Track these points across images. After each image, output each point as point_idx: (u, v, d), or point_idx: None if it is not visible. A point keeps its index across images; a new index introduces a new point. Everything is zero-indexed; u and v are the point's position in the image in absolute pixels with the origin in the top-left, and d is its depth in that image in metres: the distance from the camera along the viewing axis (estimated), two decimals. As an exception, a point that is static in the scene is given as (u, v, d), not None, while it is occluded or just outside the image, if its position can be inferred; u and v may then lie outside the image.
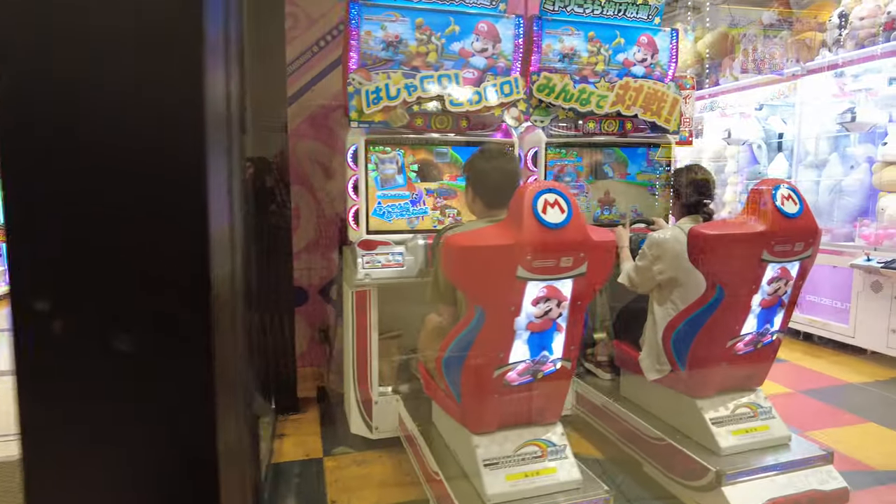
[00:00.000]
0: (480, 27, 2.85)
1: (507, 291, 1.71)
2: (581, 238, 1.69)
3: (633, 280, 2.47)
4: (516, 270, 1.67)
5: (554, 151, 3.01)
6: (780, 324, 2.19)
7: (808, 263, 2.11)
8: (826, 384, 3.76)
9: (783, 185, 2.00)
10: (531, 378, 1.88)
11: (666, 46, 3.16)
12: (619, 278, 2.55)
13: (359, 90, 2.66)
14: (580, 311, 1.83)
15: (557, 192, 1.69)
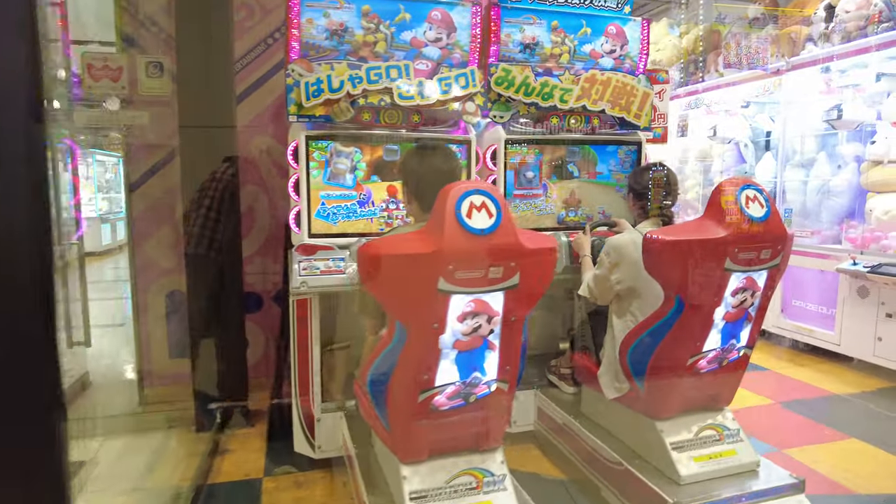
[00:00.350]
0: (434, 15, 2.65)
1: (428, 306, 1.51)
2: (512, 245, 1.49)
3: (593, 291, 2.27)
4: (437, 282, 1.47)
5: (515, 149, 2.81)
6: (746, 339, 1.99)
7: (777, 273, 1.91)
8: (809, 395, 3.57)
9: (748, 186, 1.80)
10: (463, 402, 1.68)
11: (636, 37, 2.96)
12: (580, 290, 2.35)
13: (298, 82, 2.46)
14: (516, 328, 1.63)
15: (485, 194, 1.49)
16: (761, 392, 3.59)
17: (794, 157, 4.88)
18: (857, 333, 3.90)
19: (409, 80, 2.57)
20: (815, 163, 4.73)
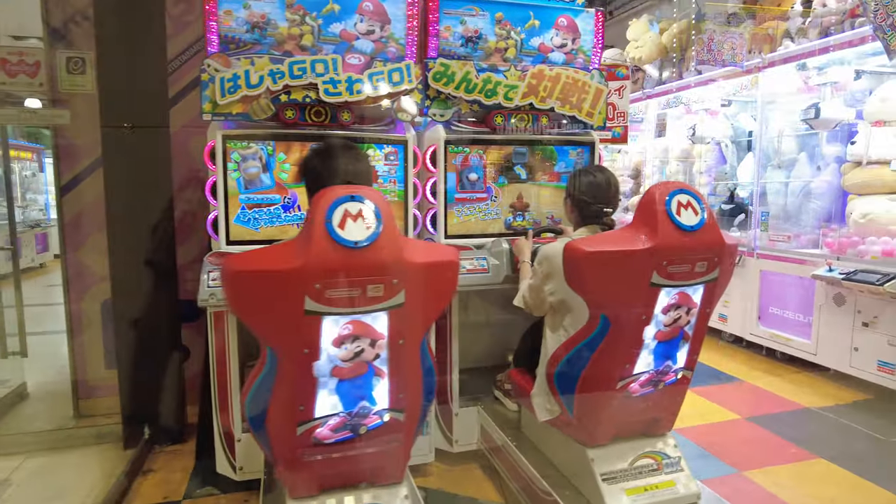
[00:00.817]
0: (365, 6, 2.47)
1: (296, 329, 1.33)
2: (393, 260, 1.31)
3: (527, 301, 2.09)
4: (304, 302, 1.28)
5: (456, 150, 2.63)
6: (684, 360, 1.81)
7: (717, 287, 1.73)
8: (780, 409, 3.38)
9: (681, 191, 1.62)
10: (351, 434, 1.50)
11: (589, 29, 2.78)
12: (515, 300, 2.17)
13: (213, 78, 2.28)
14: (408, 352, 1.45)
15: (363, 201, 1.31)
16: (730, 405, 3.40)
17: (776, 158, 4.69)
18: (833, 343, 3.71)
19: (336, 76, 2.39)
20: (796, 164, 4.54)
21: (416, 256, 1.36)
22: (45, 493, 2.58)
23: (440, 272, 1.43)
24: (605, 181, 2.01)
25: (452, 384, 2.64)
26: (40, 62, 2.67)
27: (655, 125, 5.39)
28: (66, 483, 2.68)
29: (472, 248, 2.59)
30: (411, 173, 2.56)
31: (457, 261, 1.48)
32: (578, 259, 1.64)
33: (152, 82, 2.86)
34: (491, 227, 2.71)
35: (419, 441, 2.56)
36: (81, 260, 3.18)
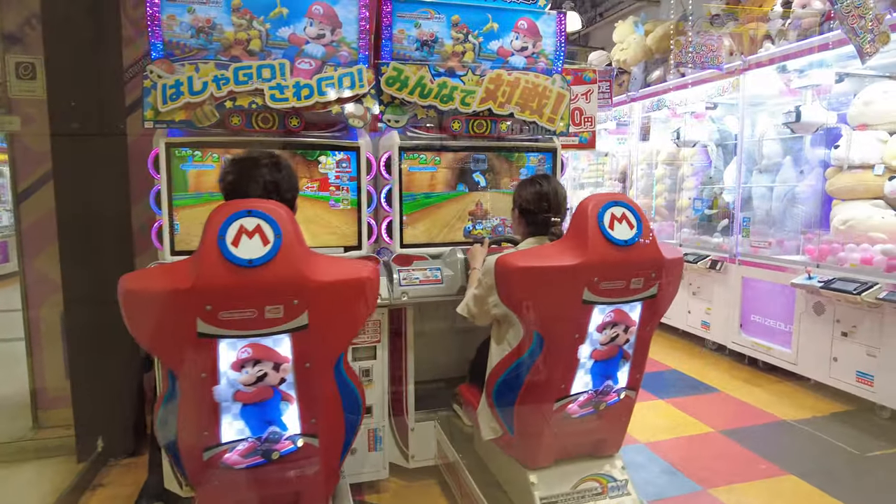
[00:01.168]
0: (315, 9, 2.40)
1: (191, 352, 1.25)
2: (291, 279, 1.24)
3: (471, 310, 2.01)
4: (195, 325, 1.22)
5: (411, 157, 2.56)
6: (626, 380, 1.72)
7: (658, 304, 1.64)
8: (756, 421, 3.29)
9: (616, 203, 1.54)
10: (263, 459, 1.43)
11: (551, 32, 2.70)
12: (459, 307, 2.10)
13: (156, 85, 2.22)
14: (320, 374, 1.38)
15: (261, 215, 1.24)
16: (705, 418, 3.31)
17: (762, 162, 4.59)
18: (812, 353, 3.61)
19: (283, 81, 2.32)
20: (782, 168, 4.45)
21: (322, 274, 1.29)
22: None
23: (351, 291, 1.36)
24: (551, 190, 1.93)
25: (408, 398, 2.57)
26: (-13, 68, 2.62)
27: (640, 128, 5.30)
28: (14, 498, 2.62)
29: (428, 257, 2.52)
30: (364, 181, 2.49)
31: (373, 277, 1.41)
32: (508, 274, 1.57)
33: (106, 89, 2.81)
34: (450, 236, 2.64)
35: (372, 457, 2.50)
36: (40, 268, 3.13)
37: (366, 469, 2.50)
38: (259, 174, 1.56)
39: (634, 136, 5.54)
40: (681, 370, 4.20)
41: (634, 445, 2.95)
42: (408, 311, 2.51)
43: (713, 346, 4.61)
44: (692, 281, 4.70)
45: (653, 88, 5.14)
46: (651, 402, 3.56)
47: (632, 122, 5.50)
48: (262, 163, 1.57)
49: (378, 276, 1.45)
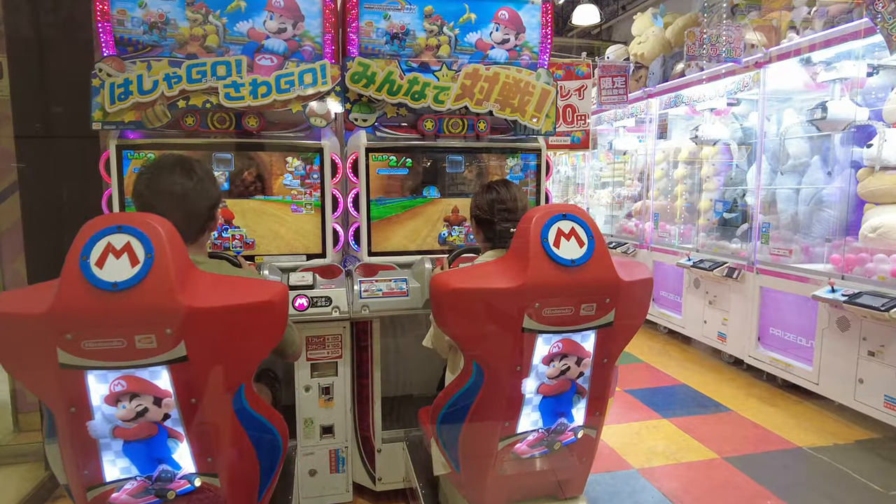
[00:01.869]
0: (275, 3, 2.25)
1: (55, 383, 1.12)
2: (163, 304, 1.08)
3: (434, 343, 1.82)
4: (57, 355, 1.07)
5: (381, 159, 2.39)
6: (583, 418, 1.51)
7: (617, 334, 1.43)
8: (769, 447, 3.00)
9: (565, 216, 1.33)
10: (158, 500, 1.28)
11: (535, 23, 2.48)
12: (424, 341, 1.90)
13: (104, 84, 2.11)
14: (211, 410, 1.22)
15: (131, 231, 1.09)
16: (711, 442, 3.04)
17: (787, 162, 4.25)
18: (836, 372, 3.29)
19: (240, 78, 2.18)
20: (808, 168, 4.10)
21: (204, 300, 1.13)
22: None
23: (241, 318, 1.19)
24: (510, 198, 1.73)
25: (374, 417, 2.40)
26: (-42, 67, 2.56)
27: (657, 126, 5.00)
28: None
29: (396, 267, 2.35)
30: (328, 184, 2.33)
31: (276, 301, 1.24)
32: (440, 296, 1.38)
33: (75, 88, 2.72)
34: (421, 244, 2.46)
35: (335, 479, 2.35)
36: (19, 270, 3.08)
37: (327, 492, 2.35)
38: (166, 183, 1.41)
39: (652, 133, 5.23)
40: (692, 385, 3.91)
41: (625, 472, 2.72)
42: (373, 325, 2.34)
43: (729, 360, 4.30)
44: (708, 289, 4.40)
45: (670, 84, 4.83)
46: (652, 422, 3.30)
47: (648, 119, 5.20)
48: (170, 170, 1.42)
49: (285, 298, 1.28)
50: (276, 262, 2.30)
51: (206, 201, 1.46)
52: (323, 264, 2.32)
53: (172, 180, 1.41)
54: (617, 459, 2.85)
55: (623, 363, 4.41)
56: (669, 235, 5.17)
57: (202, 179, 1.45)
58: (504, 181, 1.80)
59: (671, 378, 4.06)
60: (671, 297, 5.06)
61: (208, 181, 1.47)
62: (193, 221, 1.45)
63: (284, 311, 1.30)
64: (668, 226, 5.27)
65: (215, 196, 1.51)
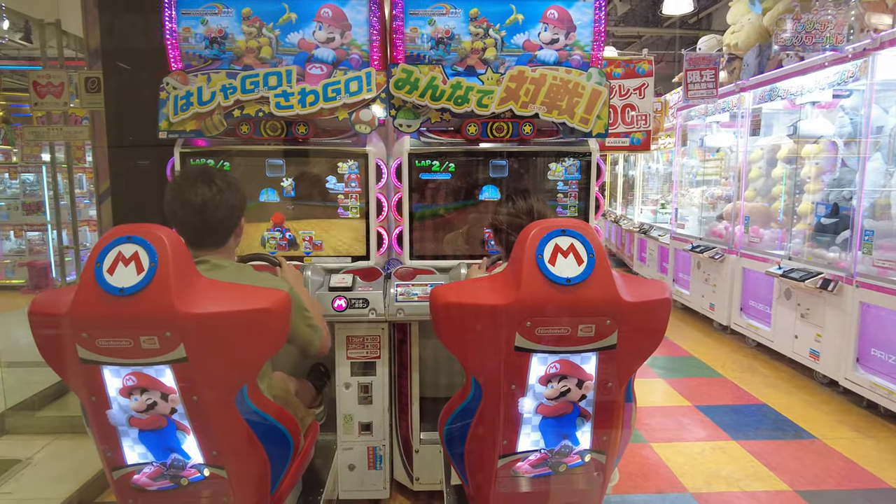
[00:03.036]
0: (324, 13, 2.34)
1: (77, 376, 1.26)
2: (161, 310, 1.18)
3: None
4: (76, 351, 1.21)
5: (424, 164, 2.41)
6: (589, 442, 1.44)
7: (621, 358, 1.34)
8: (855, 484, 2.69)
9: (564, 232, 1.28)
10: (173, 485, 1.40)
11: (587, 21, 2.38)
12: None
13: (170, 96, 2.31)
14: (214, 408, 1.31)
15: (139, 241, 1.20)
16: (783, 470, 2.77)
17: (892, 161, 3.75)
18: (946, 405, 2.87)
19: (289, 88, 2.29)
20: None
21: (201, 306, 1.21)
22: (55, 473, 2.83)
23: (237, 324, 1.26)
24: (526, 210, 1.69)
25: (412, 417, 2.44)
26: (64, 83, 2.91)
27: (749, 121, 4.60)
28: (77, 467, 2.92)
29: (435, 271, 2.36)
30: (372, 189, 2.39)
31: (273, 309, 1.30)
32: (436, 308, 1.37)
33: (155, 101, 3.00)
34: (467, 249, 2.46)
35: (372, 475, 2.42)
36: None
37: (366, 487, 2.43)
38: (188, 195, 1.52)
39: (745, 129, 4.82)
40: (774, 406, 3.58)
41: (678, 494, 2.55)
42: (412, 327, 2.38)
43: (823, 381, 3.87)
44: (800, 301, 3.99)
45: (765, 76, 4.41)
46: (719, 443, 3.07)
47: (741, 114, 4.79)
48: (192, 183, 1.53)
49: (285, 306, 1.34)
50: (322, 264, 2.40)
51: (228, 210, 1.56)
52: (365, 266, 2.39)
53: (194, 192, 1.52)
54: (670, 479, 2.68)
55: (698, 376, 4.14)
56: (761, 240, 4.75)
57: (222, 190, 1.54)
58: (524, 191, 1.76)
59: (750, 396, 3.74)
60: (760, 307, 4.65)
61: (230, 191, 1.57)
62: (215, 229, 1.55)
63: (285, 318, 1.36)
64: (761, 230, 4.84)
65: (238, 204, 1.60)
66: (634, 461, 2.86)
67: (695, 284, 5.73)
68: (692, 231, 6.12)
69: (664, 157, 8.41)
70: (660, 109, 6.19)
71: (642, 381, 4.08)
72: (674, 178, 6.71)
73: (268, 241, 2.42)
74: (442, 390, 2.71)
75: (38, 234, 6.90)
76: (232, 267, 1.58)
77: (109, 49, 2.84)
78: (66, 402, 3.65)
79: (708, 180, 6.38)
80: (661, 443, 3.07)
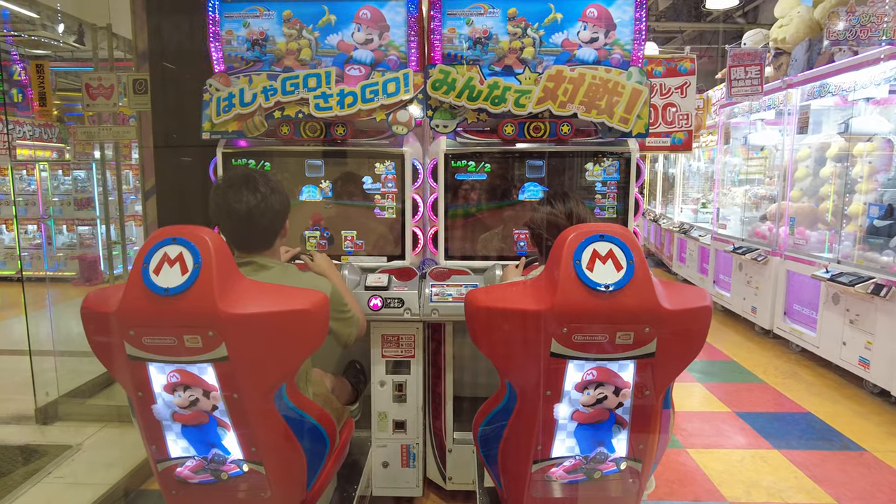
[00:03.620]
0: (362, 14, 2.35)
1: (125, 371, 1.30)
2: (204, 310, 1.21)
3: None
4: (125, 346, 1.26)
5: (460, 164, 2.41)
6: (625, 450, 1.42)
7: (660, 366, 1.32)
8: (905, 499, 2.57)
9: (603, 237, 1.26)
10: (213, 478, 1.44)
11: (628, 20, 2.33)
12: None
13: (213, 97, 2.37)
14: (253, 406, 1.34)
15: (184, 243, 1.23)
16: (828, 483, 2.67)
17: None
18: None
19: (328, 89, 2.32)
20: None
21: (242, 307, 1.24)
22: (103, 460, 2.96)
23: (276, 324, 1.29)
24: (566, 212, 1.67)
25: (446, 417, 2.45)
26: (114, 85, 3.02)
27: (797, 119, 4.43)
28: (124, 454, 3.04)
29: (469, 272, 2.36)
30: (408, 189, 2.41)
31: (311, 310, 1.32)
32: (471, 312, 1.38)
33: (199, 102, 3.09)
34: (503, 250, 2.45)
35: (406, 473, 2.44)
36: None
37: (399, 484, 2.45)
38: (233, 200, 1.56)
39: (792, 127, 4.65)
40: (820, 416, 3.46)
41: (716, 503, 2.49)
42: (447, 327, 2.38)
43: (874, 390, 3.71)
44: (850, 306, 3.83)
45: (814, 71, 4.24)
46: (761, 451, 2.98)
47: (787, 111, 4.62)
48: (237, 188, 1.57)
49: (324, 307, 1.37)
50: (358, 263, 2.43)
51: (272, 216, 1.60)
52: (401, 266, 2.40)
53: (238, 199, 1.56)
54: (708, 487, 2.62)
55: (738, 381, 4.02)
56: (807, 242, 4.58)
57: (266, 196, 1.58)
58: (563, 195, 1.74)
59: (794, 404, 3.62)
60: (806, 311, 4.49)
61: (273, 195, 1.60)
62: (261, 234, 1.60)
63: (323, 319, 1.38)
64: (808, 231, 4.66)
65: (282, 209, 1.63)
66: (671, 467, 2.80)
67: (736, 287, 5.57)
68: (734, 231, 5.95)
69: (706, 156, 8.19)
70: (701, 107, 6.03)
71: (680, 385, 3.99)
72: (715, 177, 6.54)
73: (307, 240, 2.46)
74: (476, 390, 2.71)
75: (89, 229, 7.19)
76: (277, 267, 1.62)
77: (156, 50, 2.92)
78: (113, 391, 3.80)
79: (751, 179, 6.19)
80: (699, 449, 3.00)
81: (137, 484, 2.70)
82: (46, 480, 2.70)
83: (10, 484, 2.65)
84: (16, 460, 2.96)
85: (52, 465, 2.84)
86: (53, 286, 7.14)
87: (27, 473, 2.75)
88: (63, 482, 2.70)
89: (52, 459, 2.89)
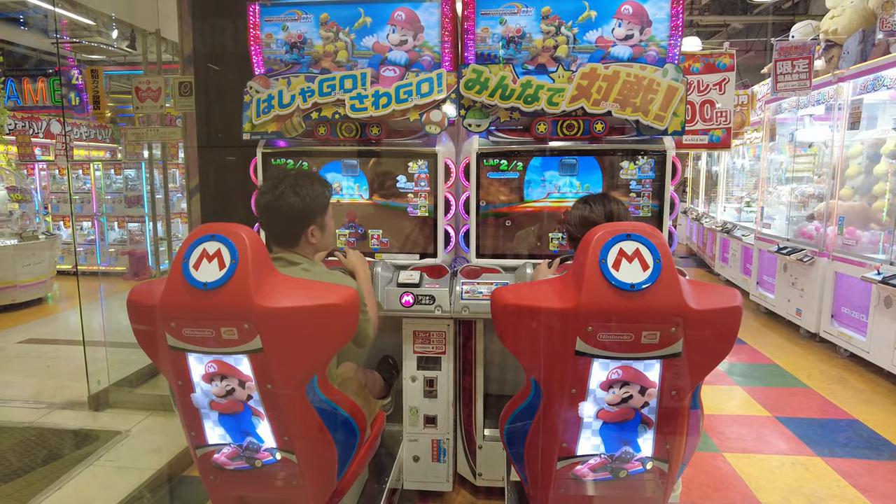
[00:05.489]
0: (397, 16, 2.39)
1: (166, 361, 1.38)
2: (240, 303, 1.27)
3: None
4: (166, 339, 1.33)
5: (493, 163, 2.42)
6: (651, 449, 1.41)
7: (687, 366, 1.30)
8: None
9: (630, 236, 1.26)
10: (248, 465, 1.51)
11: (663, 16, 2.30)
12: None
13: (253, 99, 2.45)
14: (286, 396, 1.40)
15: (222, 240, 1.30)
16: (874, 494, 2.57)
17: None
18: None
19: (364, 90, 2.37)
20: None
21: (276, 301, 1.29)
22: (149, 446, 3.10)
23: (309, 318, 1.34)
24: (602, 214, 1.67)
25: (476, 413, 2.47)
26: (161, 88, 3.16)
27: (849, 114, 4.24)
28: (168, 442, 3.18)
29: (500, 270, 2.37)
30: (440, 188, 2.43)
31: (342, 304, 1.36)
32: (497, 309, 1.39)
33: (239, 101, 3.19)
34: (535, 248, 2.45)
35: (436, 468, 2.47)
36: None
37: (430, 478, 2.49)
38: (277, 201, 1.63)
39: (842, 122, 4.46)
40: (867, 423, 3.32)
41: (753, 511, 2.43)
42: (478, 325, 2.40)
43: (928, 398, 3.55)
44: (902, 311, 3.66)
45: (867, 64, 4.05)
46: (802, 458, 2.88)
47: (838, 106, 4.43)
48: (281, 191, 1.63)
49: (354, 302, 1.41)
50: (391, 260, 2.47)
51: (288, 212, 1.65)
52: (433, 264, 2.44)
53: (283, 200, 1.63)
54: (744, 492, 2.56)
55: (780, 385, 3.90)
56: (857, 242, 4.39)
57: (305, 198, 1.64)
58: (602, 195, 1.73)
59: (841, 410, 3.49)
60: (855, 314, 4.31)
61: (312, 197, 1.66)
62: (279, 228, 1.67)
63: (353, 314, 1.42)
64: (858, 231, 4.47)
65: (304, 208, 1.68)
66: (705, 470, 2.75)
67: (780, 288, 5.39)
68: (779, 231, 5.75)
69: (750, 153, 7.93)
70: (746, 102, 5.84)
71: (718, 388, 3.90)
72: (760, 175, 6.33)
73: (341, 237, 2.52)
74: (507, 387, 2.72)
75: (138, 226, 7.52)
76: (304, 264, 1.67)
77: (201, 53, 3.04)
78: (158, 381, 3.98)
79: (798, 177, 5.96)
80: (736, 453, 2.93)
81: (180, 471, 2.82)
82: (98, 463, 2.86)
83: (65, 465, 2.82)
84: (70, 444, 3.14)
85: (103, 449, 2.99)
86: (105, 280, 7.50)
87: (81, 456, 2.91)
88: (113, 465, 2.85)
89: (104, 444, 3.05)
